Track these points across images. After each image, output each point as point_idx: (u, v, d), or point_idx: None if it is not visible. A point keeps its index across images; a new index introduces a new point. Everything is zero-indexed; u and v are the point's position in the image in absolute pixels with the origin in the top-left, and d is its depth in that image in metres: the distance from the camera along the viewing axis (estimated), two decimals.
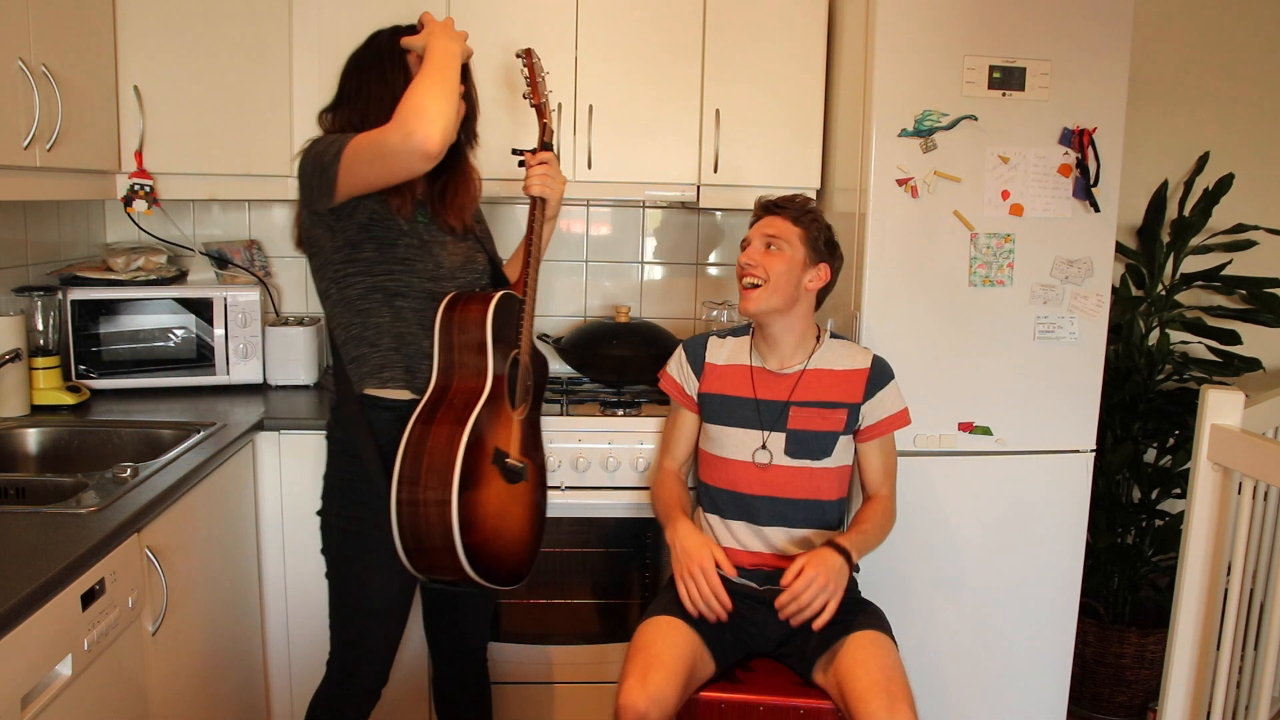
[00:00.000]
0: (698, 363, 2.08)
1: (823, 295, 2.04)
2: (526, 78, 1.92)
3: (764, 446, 1.97)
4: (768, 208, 2.01)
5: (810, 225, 1.97)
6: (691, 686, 1.83)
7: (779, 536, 1.98)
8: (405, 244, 1.76)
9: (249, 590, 2.22)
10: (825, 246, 1.99)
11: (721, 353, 2.07)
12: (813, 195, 2.56)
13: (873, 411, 2.00)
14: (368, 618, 1.84)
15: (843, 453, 2.00)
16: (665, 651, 1.79)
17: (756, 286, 1.94)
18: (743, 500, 1.99)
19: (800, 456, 1.96)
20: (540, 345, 2.83)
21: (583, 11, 2.44)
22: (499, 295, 1.79)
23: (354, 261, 1.75)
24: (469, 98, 1.84)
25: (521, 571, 1.87)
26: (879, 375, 2.01)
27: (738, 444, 1.99)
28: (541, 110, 1.93)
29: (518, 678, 2.43)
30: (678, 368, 2.11)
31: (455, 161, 1.85)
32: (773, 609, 1.94)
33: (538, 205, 1.89)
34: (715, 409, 2.03)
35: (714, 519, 2.02)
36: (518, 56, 1.93)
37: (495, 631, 2.46)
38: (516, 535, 1.84)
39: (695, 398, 2.08)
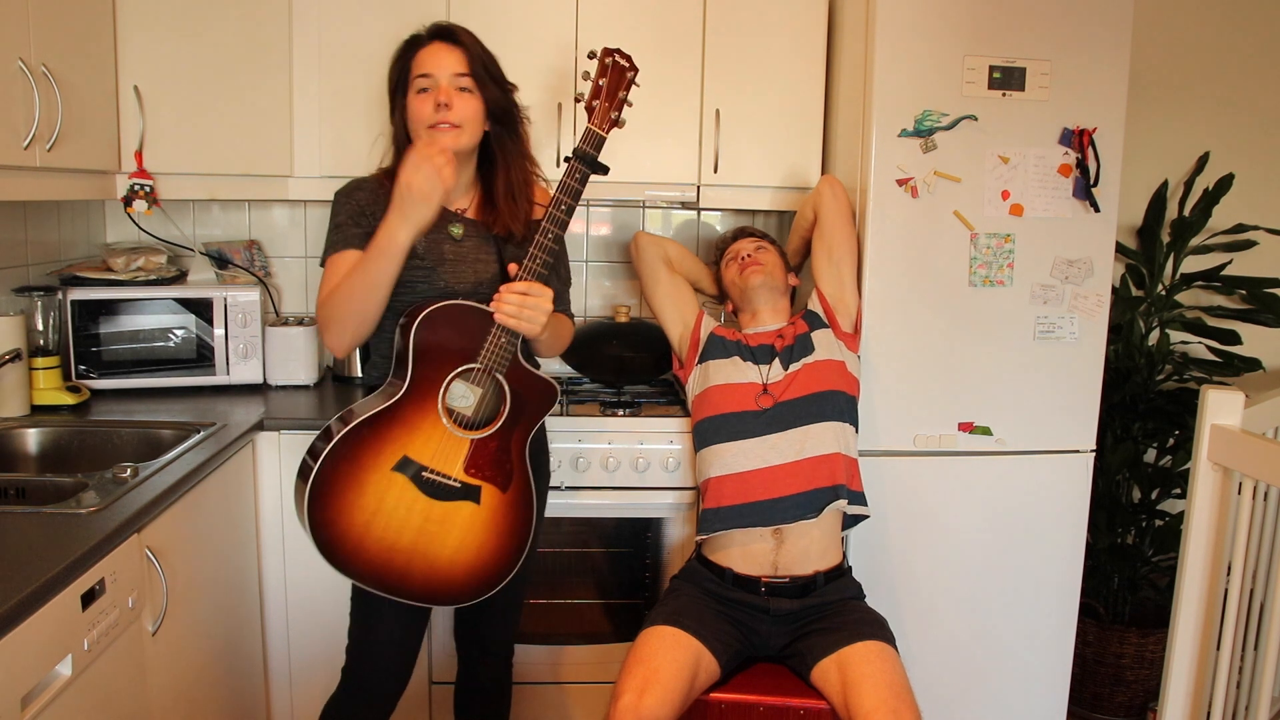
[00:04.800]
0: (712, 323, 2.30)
1: (792, 297, 2.31)
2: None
3: (764, 390, 2.08)
4: (738, 234, 2.34)
5: (775, 244, 2.32)
6: (693, 697, 1.84)
7: (793, 439, 2.02)
8: (410, 266, 1.75)
9: (249, 590, 2.22)
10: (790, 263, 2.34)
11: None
12: None
13: (814, 300, 2.23)
14: (369, 612, 1.84)
15: (826, 347, 2.14)
16: (664, 667, 1.79)
17: (757, 272, 2.20)
18: (752, 416, 2.05)
19: (793, 361, 2.11)
20: None
21: (582, 12, 2.44)
22: (442, 305, 1.70)
23: None
24: (501, 106, 1.80)
25: (460, 594, 1.78)
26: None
27: (742, 374, 2.11)
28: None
29: (518, 678, 2.43)
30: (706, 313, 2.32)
31: (503, 166, 1.84)
32: (775, 617, 1.95)
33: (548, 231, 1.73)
34: (721, 348, 2.18)
35: (726, 446, 2.05)
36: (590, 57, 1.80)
37: None
38: (447, 555, 1.73)
39: (704, 328, 2.24)
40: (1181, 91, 3.00)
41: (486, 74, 1.78)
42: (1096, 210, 2.28)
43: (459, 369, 1.72)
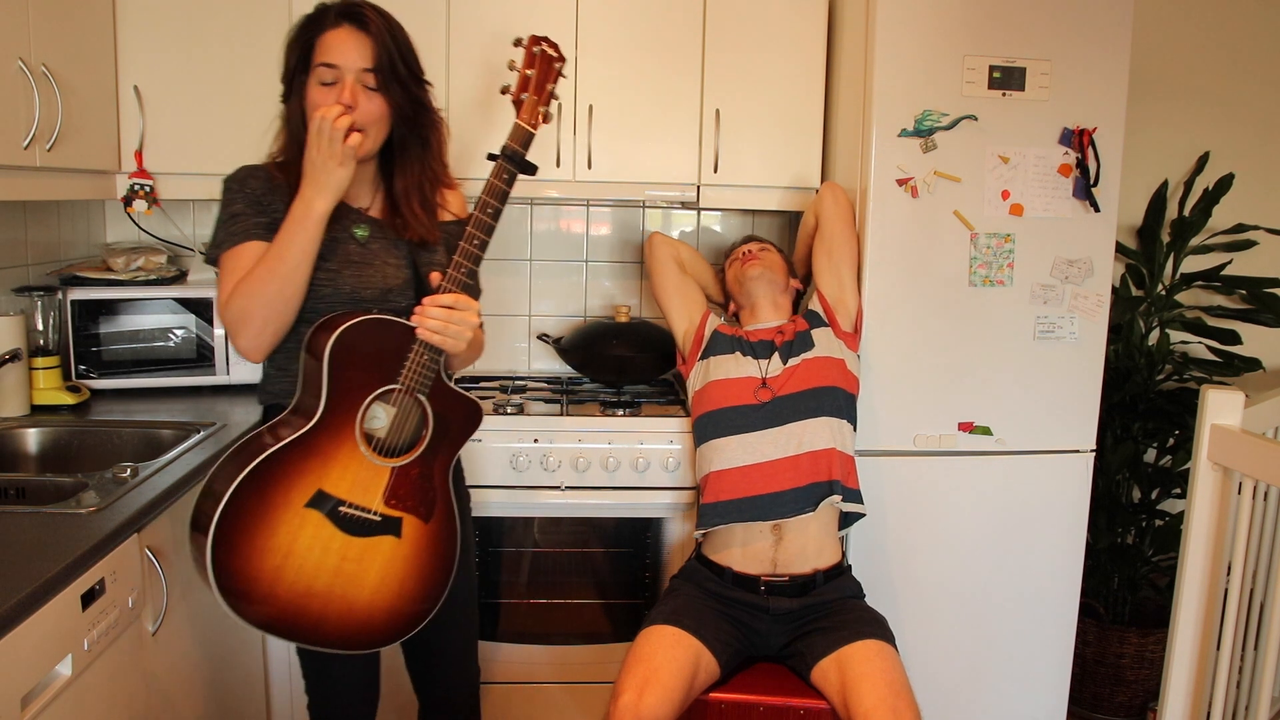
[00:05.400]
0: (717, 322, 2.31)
1: (795, 302, 2.32)
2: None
3: (763, 384, 2.09)
4: (744, 241, 2.38)
5: (780, 251, 2.35)
6: (693, 696, 1.84)
7: (791, 433, 2.03)
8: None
9: None
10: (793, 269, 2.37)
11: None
12: (812, 195, 2.56)
13: (815, 301, 2.25)
14: (318, 654, 1.67)
15: (826, 344, 2.15)
16: (664, 666, 1.79)
17: (756, 265, 2.25)
18: (751, 410, 2.07)
19: (791, 356, 2.12)
20: (540, 345, 2.84)
21: (583, 11, 2.44)
22: (359, 319, 1.53)
23: None
24: (407, 109, 1.63)
25: (381, 637, 1.62)
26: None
27: (742, 369, 2.13)
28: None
29: (518, 678, 2.44)
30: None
31: (400, 167, 1.68)
32: (775, 616, 1.95)
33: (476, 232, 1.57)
34: (723, 344, 2.19)
35: (725, 440, 2.06)
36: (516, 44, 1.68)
37: (494, 631, 2.47)
38: (366, 597, 1.57)
39: (708, 326, 2.26)
40: (1181, 91, 3.00)
41: (393, 71, 1.58)
42: (1096, 210, 2.28)
43: (378, 391, 1.54)
